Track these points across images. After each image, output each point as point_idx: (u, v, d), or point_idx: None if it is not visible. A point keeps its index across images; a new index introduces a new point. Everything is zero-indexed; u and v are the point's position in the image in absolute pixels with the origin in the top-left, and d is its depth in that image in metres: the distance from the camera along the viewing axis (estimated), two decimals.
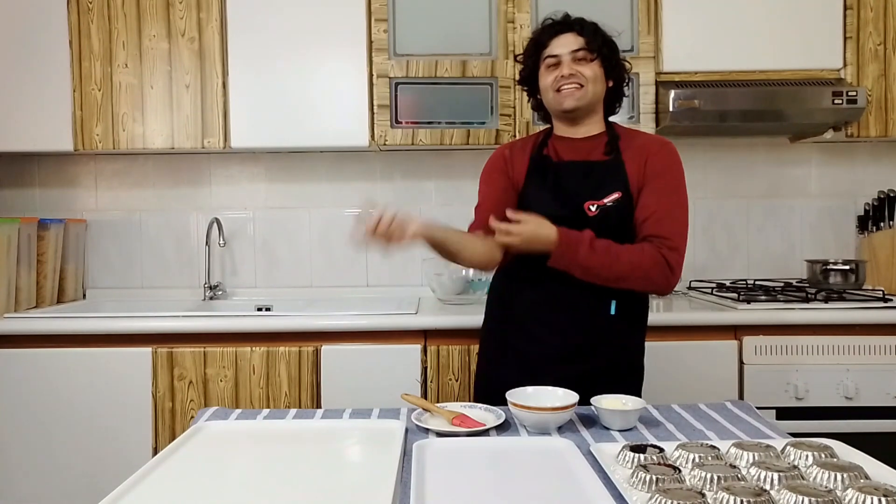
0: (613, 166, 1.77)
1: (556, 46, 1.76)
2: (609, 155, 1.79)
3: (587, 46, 1.75)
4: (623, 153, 1.78)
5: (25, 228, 2.60)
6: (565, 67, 1.75)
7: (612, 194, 1.74)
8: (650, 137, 1.84)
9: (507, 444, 1.32)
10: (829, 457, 1.14)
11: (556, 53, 1.76)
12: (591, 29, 1.77)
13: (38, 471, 2.36)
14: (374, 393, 2.31)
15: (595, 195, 1.74)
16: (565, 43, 1.75)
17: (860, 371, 2.30)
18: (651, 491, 1.02)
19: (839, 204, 3.00)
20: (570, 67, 1.74)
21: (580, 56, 1.75)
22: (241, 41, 2.61)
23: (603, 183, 1.75)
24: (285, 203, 3.01)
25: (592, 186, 1.75)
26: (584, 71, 1.75)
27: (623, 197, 1.73)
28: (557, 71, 1.76)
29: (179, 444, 1.31)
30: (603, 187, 1.75)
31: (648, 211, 1.73)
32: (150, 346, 2.35)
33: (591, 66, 1.75)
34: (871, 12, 2.61)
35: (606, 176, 1.76)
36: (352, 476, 1.18)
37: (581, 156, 1.80)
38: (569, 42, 1.75)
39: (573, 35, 1.76)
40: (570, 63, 1.75)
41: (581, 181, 1.77)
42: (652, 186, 1.74)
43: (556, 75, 1.76)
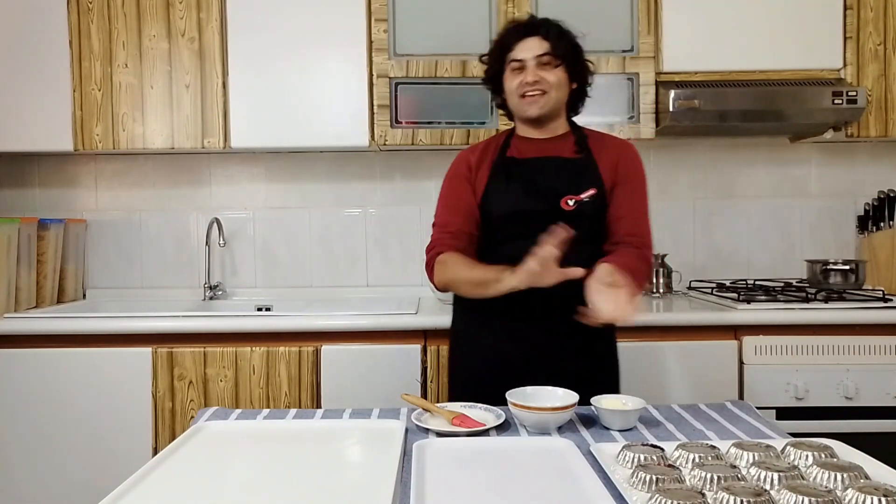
0: (587, 164, 1.80)
1: (521, 51, 1.75)
2: (580, 153, 1.81)
3: (552, 52, 1.74)
4: (594, 152, 1.82)
5: (25, 228, 2.60)
6: (529, 74, 1.74)
7: (588, 190, 1.77)
8: (616, 139, 1.90)
9: (507, 444, 1.32)
10: (829, 457, 1.14)
11: (521, 58, 1.75)
12: (556, 33, 1.76)
13: (38, 471, 2.36)
14: (374, 393, 2.31)
15: (572, 190, 1.76)
16: (530, 47, 1.75)
17: (860, 371, 2.30)
18: (651, 491, 1.02)
19: (839, 204, 3.00)
20: (534, 74, 1.74)
21: (545, 61, 1.74)
22: (241, 41, 2.61)
23: (579, 179, 1.78)
24: (285, 203, 3.01)
25: (568, 182, 1.77)
26: (547, 77, 1.75)
27: (598, 194, 1.77)
28: (522, 76, 1.75)
29: (179, 444, 1.31)
30: (579, 183, 1.77)
31: (623, 210, 1.79)
32: (150, 346, 2.35)
33: (556, 72, 1.75)
34: (871, 12, 2.61)
35: (582, 172, 1.79)
36: (352, 476, 1.18)
37: (550, 153, 1.82)
38: (534, 46, 1.74)
39: (538, 39, 1.75)
40: (535, 68, 1.74)
41: (555, 176, 1.78)
42: (625, 187, 1.81)
43: (520, 80, 1.76)
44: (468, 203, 1.83)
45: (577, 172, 1.79)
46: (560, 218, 1.72)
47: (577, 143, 1.83)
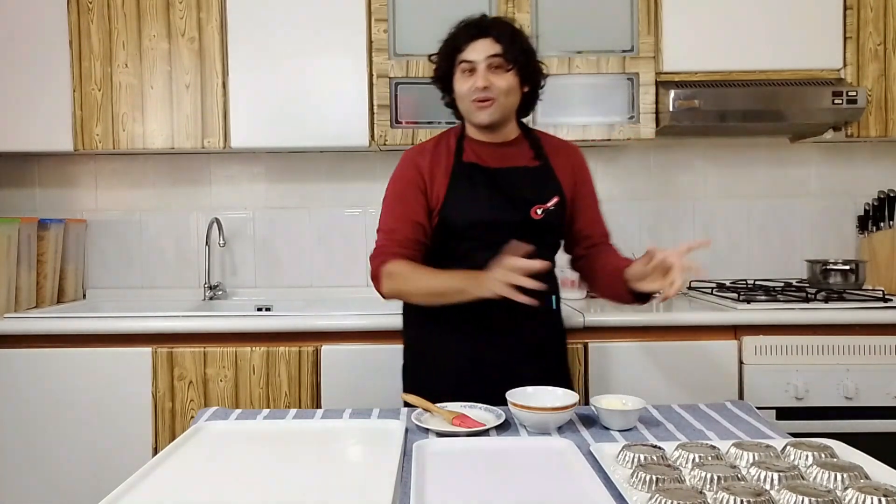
0: (546, 171, 1.80)
1: (472, 52, 1.70)
2: (538, 160, 1.81)
3: (504, 55, 1.69)
4: (549, 158, 1.82)
5: (25, 228, 2.60)
6: (480, 78, 1.69)
7: (552, 198, 1.77)
8: (563, 142, 1.91)
9: (507, 444, 1.32)
10: (829, 457, 1.14)
11: (471, 59, 1.70)
12: (509, 35, 1.71)
13: (38, 471, 2.36)
14: (374, 393, 2.31)
15: (539, 199, 1.76)
16: (481, 49, 1.69)
17: (860, 371, 2.30)
18: (651, 491, 1.02)
19: (839, 204, 3.00)
20: (484, 78, 1.68)
21: (496, 63, 1.69)
22: (241, 41, 2.61)
23: (543, 187, 1.78)
24: (285, 203, 3.01)
25: (535, 191, 1.77)
26: (498, 82, 1.69)
27: (560, 201, 1.79)
28: (472, 79, 1.70)
29: (179, 444, 1.31)
30: (544, 192, 1.78)
31: (591, 213, 1.87)
32: (150, 346, 2.35)
33: (506, 77, 1.70)
34: (871, 12, 2.61)
35: (545, 181, 1.79)
36: (352, 476, 1.18)
37: (510, 161, 1.79)
38: (485, 48, 1.69)
39: (490, 41, 1.69)
40: (485, 71, 1.69)
41: (522, 187, 1.77)
42: (585, 192, 1.86)
43: (470, 84, 1.70)
44: (416, 211, 1.75)
45: (539, 181, 1.79)
46: (529, 228, 1.74)
47: (534, 149, 1.82)
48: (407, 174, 1.78)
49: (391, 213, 1.78)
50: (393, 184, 1.81)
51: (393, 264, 1.71)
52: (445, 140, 1.84)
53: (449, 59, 1.75)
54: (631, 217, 3.00)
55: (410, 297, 1.75)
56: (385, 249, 1.74)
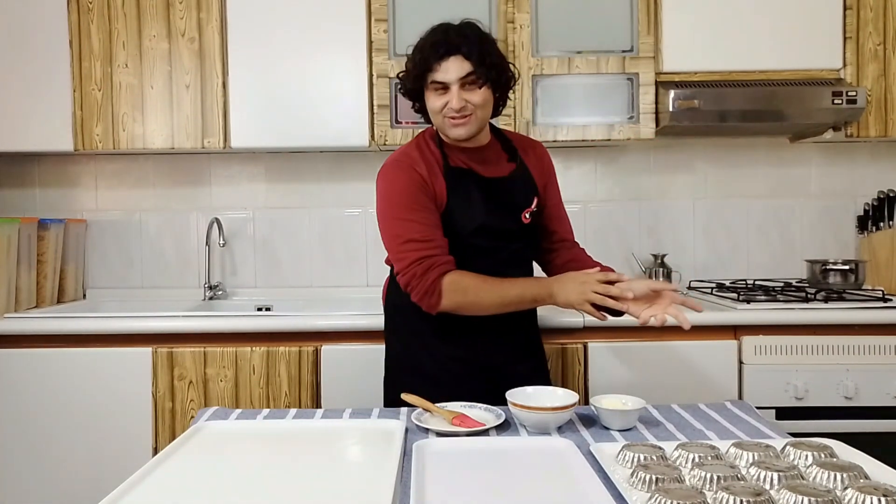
0: (524, 174, 1.83)
1: (443, 73, 1.65)
2: (514, 162, 1.82)
3: (475, 72, 1.64)
4: (523, 157, 1.84)
5: (25, 228, 2.60)
6: (455, 99, 1.64)
7: (533, 200, 1.82)
8: (532, 141, 1.94)
9: (507, 444, 1.32)
10: (828, 457, 1.14)
11: (443, 80, 1.65)
12: (478, 51, 1.64)
13: (38, 471, 2.36)
14: (374, 393, 2.30)
15: (525, 203, 1.80)
16: (453, 69, 1.64)
17: (860, 371, 2.30)
18: (651, 491, 1.03)
19: (839, 204, 3.00)
20: (459, 99, 1.64)
21: (469, 81, 1.65)
22: (241, 41, 2.61)
23: (525, 191, 1.81)
24: (285, 203, 3.01)
25: (520, 196, 1.80)
26: (471, 98, 1.66)
27: (539, 202, 1.83)
28: (445, 97, 1.66)
29: (179, 444, 1.31)
30: (527, 195, 1.81)
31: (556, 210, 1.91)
32: (150, 346, 2.35)
33: (480, 93, 1.66)
34: (870, 12, 2.61)
35: (524, 184, 1.82)
36: (352, 476, 1.18)
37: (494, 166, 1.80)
38: (456, 68, 1.64)
39: (460, 59, 1.64)
40: (459, 91, 1.65)
41: (512, 194, 1.79)
42: (551, 188, 1.90)
43: (444, 103, 1.66)
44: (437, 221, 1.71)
45: (521, 185, 1.81)
46: (522, 232, 1.80)
47: (507, 152, 1.83)
48: (413, 180, 1.71)
49: (416, 221, 1.67)
50: (394, 197, 1.71)
51: (455, 276, 1.64)
52: (425, 145, 1.78)
53: (419, 79, 1.70)
54: (631, 217, 3.00)
55: (478, 309, 1.66)
56: (435, 261, 1.64)
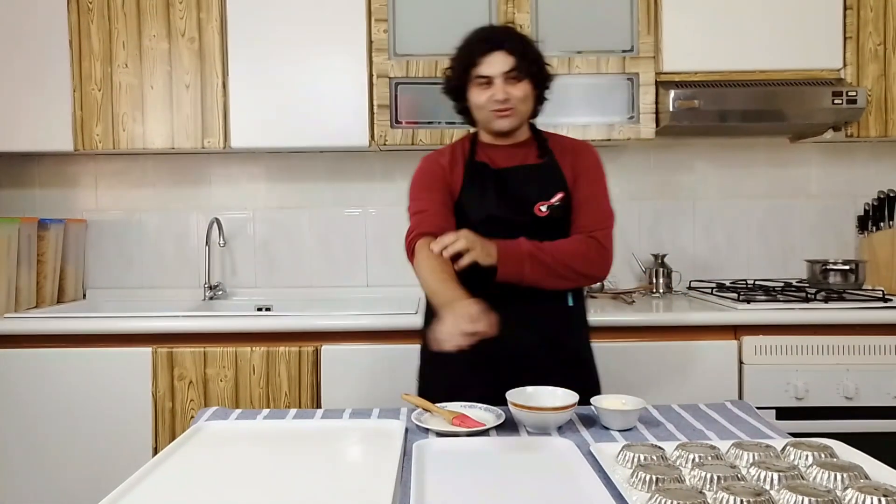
0: (551, 168, 1.83)
1: (487, 67, 1.73)
2: (543, 158, 1.83)
3: (517, 67, 1.73)
4: (556, 155, 1.84)
5: (25, 228, 2.60)
6: (499, 91, 1.73)
7: (556, 194, 1.80)
8: (574, 141, 1.92)
9: (507, 445, 1.32)
10: (828, 457, 1.14)
11: (488, 74, 1.74)
12: (521, 48, 1.75)
13: (37, 471, 2.36)
14: (374, 393, 2.31)
15: (542, 196, 1.79)
16: (496, 63, 1.73)
17: (860, 371, 2.30)
18: (651, 491, 1.03)
19: (839, 204, 3.00)
20: (503, 91, 1.73)
21: (511, 76, 1.73)
22: (241, 41, 2.61)
23: (547, 184, 1.81)
24: (285, 203, 3.01)
25: (538, 189, 1.80)
26: (514, 92, 1.74)
27: (565, 196, 1.81)
28: (489, 91, 1.74)
29: (179, 444, 1.31)
30: (548, 188, 1.80)
31: (579, 202, 1.83)
32: (150, 346, 2.35)
33: (522, 86, 1.75)
34: (870, 12, 2.61)
35: (548, 177, 1.82)
36: (352, 476, 1.18)
37: (517, 160, 1.83)
38: (500, 62, 1.73)
39: (504, 54, 1.73)
40: (503, 85, 1.73)
41: (527, 185, 1.80)
42: (581, 181, 1.85)
43: (488, 96, 1.74)
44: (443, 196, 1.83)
45: (544, 178, 1.82)
46: (535, 224, 1.78)
47: (540, 148, 1.85)
48: (431, 168, 1.87)
49: (420, 198, 1.86)
50: (418, 177, 1.89)
51: (420, 243, 1.77)
52: (461, 144, 1.91)
53: (463, 74, 1.79)
54: (631, 217, 3.00)
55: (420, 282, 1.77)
56: (416, 229, 1.82)
